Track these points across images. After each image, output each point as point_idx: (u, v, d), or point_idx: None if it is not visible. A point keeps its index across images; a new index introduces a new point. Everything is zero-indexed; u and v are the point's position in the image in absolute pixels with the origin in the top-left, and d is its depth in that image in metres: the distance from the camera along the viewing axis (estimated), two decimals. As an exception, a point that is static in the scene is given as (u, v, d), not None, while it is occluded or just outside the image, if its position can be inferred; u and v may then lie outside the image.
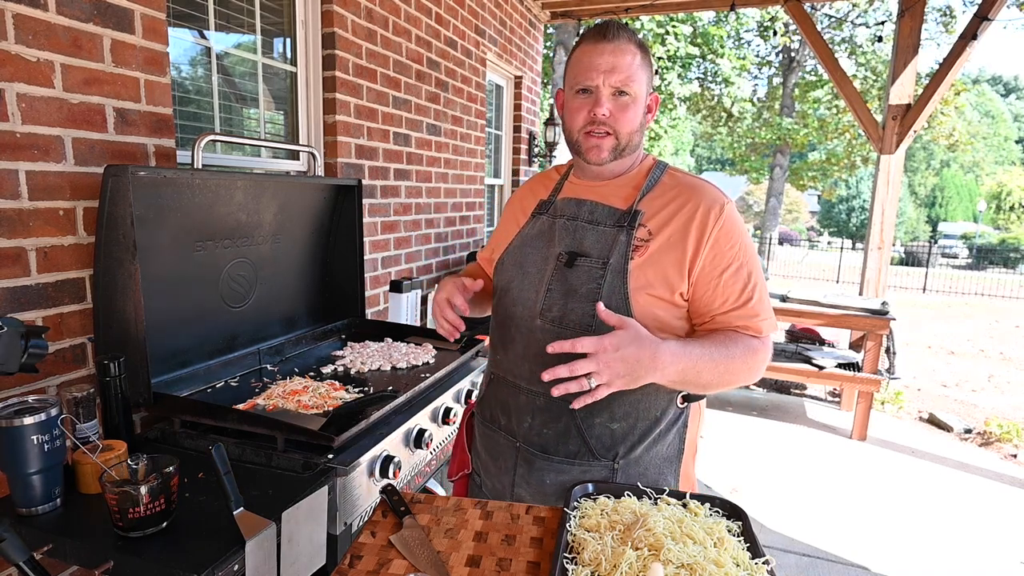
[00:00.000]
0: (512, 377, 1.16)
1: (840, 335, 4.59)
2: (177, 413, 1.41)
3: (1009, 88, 46.81)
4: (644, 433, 1.10)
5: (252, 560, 0.99)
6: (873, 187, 4.54)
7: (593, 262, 1.07)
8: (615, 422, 1.09)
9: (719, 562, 0.81)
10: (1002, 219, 31.53)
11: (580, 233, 1.11)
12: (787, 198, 27.27)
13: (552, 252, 1.13)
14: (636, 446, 1.10)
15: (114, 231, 1.29)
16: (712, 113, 16.08)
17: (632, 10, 5.17)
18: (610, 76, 1.04)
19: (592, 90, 1.06)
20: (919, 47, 4.28)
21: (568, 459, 1.11)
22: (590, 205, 1.13)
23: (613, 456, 1.09)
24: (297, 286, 2.04)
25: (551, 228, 1.16)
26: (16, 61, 1.22)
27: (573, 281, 1.08)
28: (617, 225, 1.09)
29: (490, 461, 1.24)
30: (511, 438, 1.17)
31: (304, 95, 2.35)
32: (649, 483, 1.07)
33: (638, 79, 1.05)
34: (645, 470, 1.11)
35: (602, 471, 1.10)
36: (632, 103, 1.06)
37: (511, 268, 1.18)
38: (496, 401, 1.21)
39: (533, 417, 1.12)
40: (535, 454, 1.13)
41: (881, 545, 2.60)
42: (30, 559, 0.84)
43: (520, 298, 1.14)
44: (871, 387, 3.69)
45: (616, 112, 1.06)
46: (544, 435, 1.12)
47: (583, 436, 1.09)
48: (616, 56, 1.03)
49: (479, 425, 1.28)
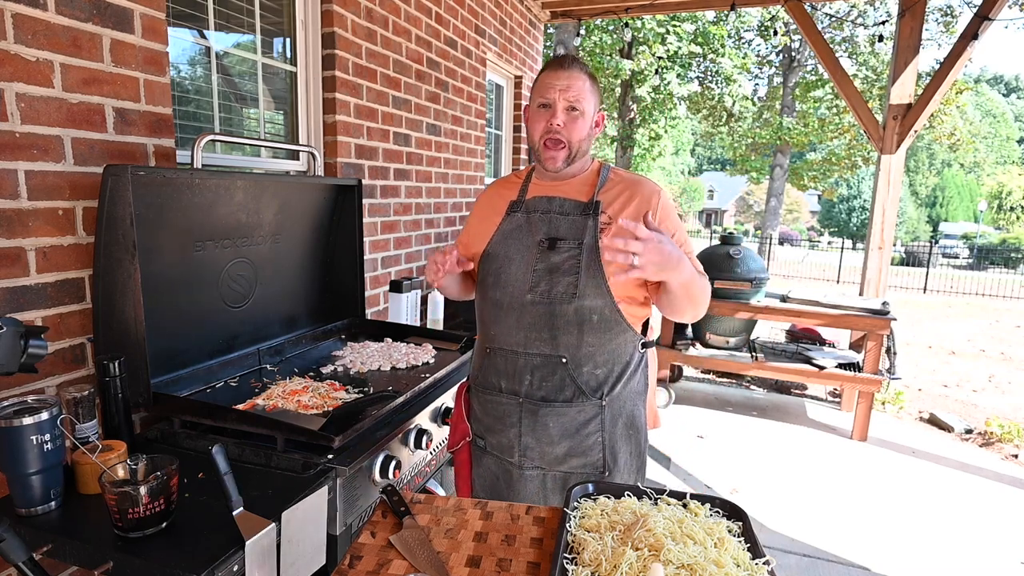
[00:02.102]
0: (508, 346, 1.37)
1: (840, 335, 4.58)
2: (177, 413, 1.41)
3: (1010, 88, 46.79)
4: (620, 374, 1.37)
5: (252, 560, 0.99)
6: (874, 187, 4.53)
7: (571, 243, 1.33)
8: (598, 368, 1.35)
9: (719, 562, 0.80)
10: (1003, 219, 31.52)
11: (555, 223, 1.36)
12: (787, 198, 27.28)
13: (533, 240, 1.36)
14: (616, 384, 1.37)
15: (114, 231, 1.29)
16: (712, 113, 16.08)
17: (632, 10, 5.17)
18: (564, 93, 1.30)
19: (550, 104, 1.32)
20: (920, 47, 4.28)
21: (565, 403, 1.35)
22: (559, 200, 1.39)
23: (600, 395, 1.35)
24: (297, 286, 2.04)
25: (528, 221, 1.40)
26: (16, 61, 1.22)
27: (555, 260, 1.33)
28: (583, 214, 1.35)
29: (493, 422, 1.43)
30: (514, 396, 1.38)
31: (304, 95, 2.35)
32: (627, 414, 1.39)
33: (587, 99, 1.32)
34: (623, 403, 1.39)
35: (593, 408, 1.35)
36: (581, 116, 1.32)
37: (499, 257, 1.40)
38: (494, 370, 1.41)
39: (532, 375, 1.35)
40: (538, 404, 1.35)
41: (882, 545, 2.60)
42: (30, 559, 0.84)
43: (510, 279, 1.36)
44: (871, 387, 3.69)
45: (568, 123, 1.32)
46: (544, 387, 1.35)
47: (576, 382, 1.34)
48: (570, 80, 1.31)
49: (479, 395, 1.47)
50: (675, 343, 4.19)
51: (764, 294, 4.04)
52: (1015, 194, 30.99)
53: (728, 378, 4.97)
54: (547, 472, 1.39)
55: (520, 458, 1.39)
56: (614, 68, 11.98)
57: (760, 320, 4.19)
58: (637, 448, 1.43)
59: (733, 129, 17.06)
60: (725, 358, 4.06)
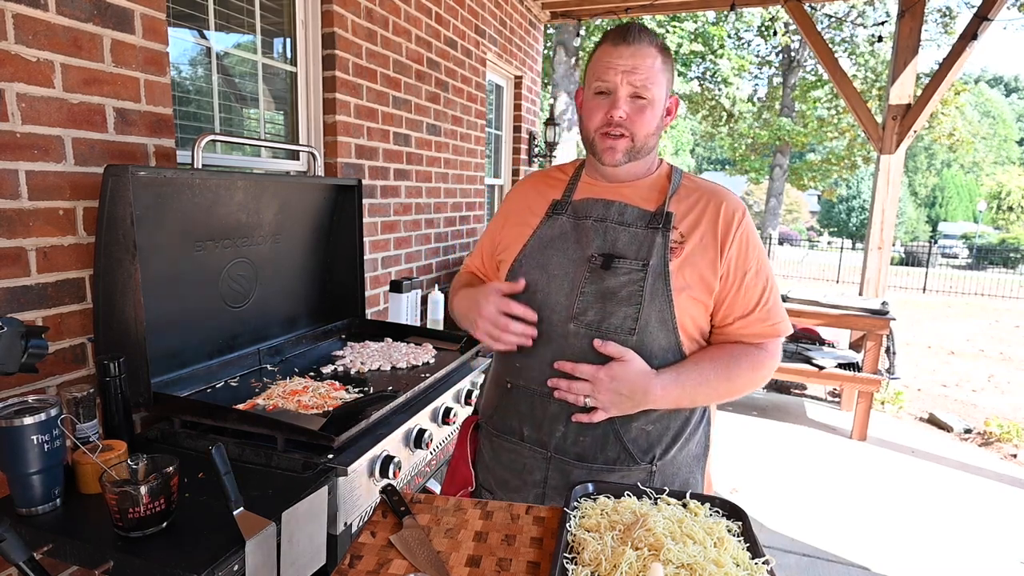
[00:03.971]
0: (538, 385, 1.11)
1: (840, 335, 4.58)
2: (177, 413, 1.41)
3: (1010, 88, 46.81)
4: (677, 433, 1.12)
5: (252, 560, 0.99)
6: (873, 187, 4.53)
7: (632, 264, 1.06)
8: (651, 424, 1.10)
9: (719, 562, 0.81)
10: (1002, 219, 31.52)
11: (612, 234, 1.10)
12: (787, 198, 27.27)
13: (581, 254, 1.10)
14: (671, 446, 1.12)
15: (114, 231, 1.29)
16: (712, 113, 16.08)
17: (632, 10, 5.17)
18: (629, 76, 1.03)
19: (610, 91, 1.06)
20: (919, 47, 4.28)
21: (608, 465, 1.10)
22: (619, 206, 1.12)
23: (651, 459, 1.10)
24: (297, 286, 2.04)
25: (575, 229, 1.13)
26: (16, 61, 1.22)
27: (611, 283, 1.06)
28: (650, 226, 1.08)
29: (510, 476, 1.18)
30: (540, 449, 1.13)
31: (304, 95, 2.35)
32: (681, 483, 1.12)
33: (657, 82, 1.05)
34: (678, 470, 1.13)
35: (640, 475, 1.10)
36: (649, 106, 1.06)
37: (533, 271, 1.13)
38: (515, 412, 1.16)
39: (567, 425, 1.10)
40: (571, 463, 1.11)
41: (882, 545, 2.60)
42: (30, 559, 0.84)
43: (547, 302, 1.10)
44: (871, 387, 3.69)
45: (633, 115, 1.05)
46: (581, 443, 1.10)
47: (621, 441, 1.09)
48: (636, 59, 1.03)
49: (491, 439, 1.22)
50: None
51: (764, 294, 4.03)
52: (1014, 194, 31.00)
53: (728, 378, 4.96)
54: None
55: None
56: (614, 68, 11.95)
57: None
58: None
59: (733, 129, 17.06)
60: (725, 358, 4.05)
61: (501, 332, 1.07)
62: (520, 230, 1.19)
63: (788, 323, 1.13)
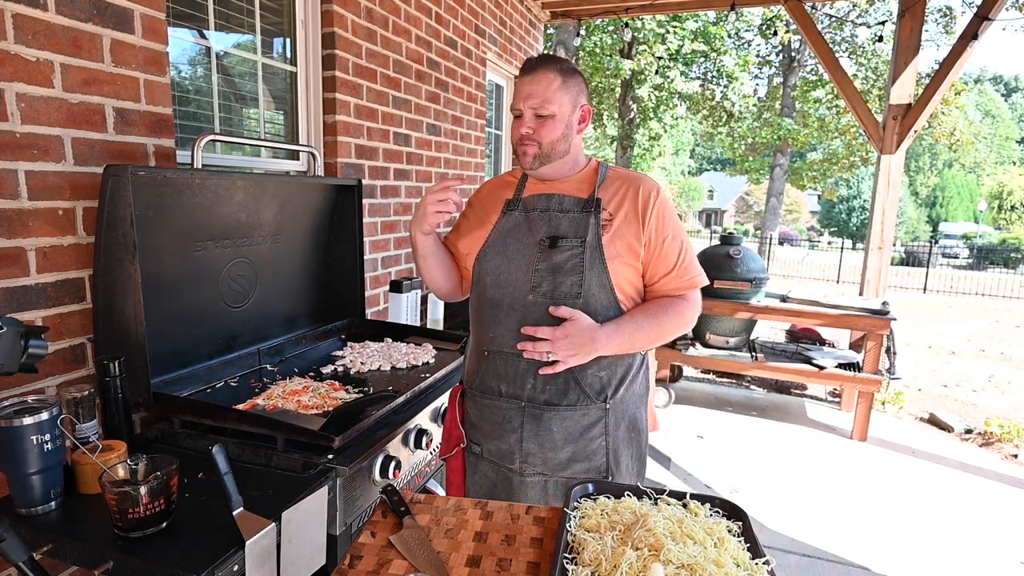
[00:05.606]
0: (509, 349, 1.34)
1: (840, 335, 4.58)
2: (177, 413, 1.41)
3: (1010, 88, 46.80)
4: (623, 376, 1.36)
5: (252, 560, 0.99)
6: (873, 187, 4.53)
7: (573, 241, 1.31)
8: (602, 370, 1.34)
9: (719, 562, 0.80)
10: (1003, 219, 31.52)
11: (555, 220, 1.34)
12: (787, 198, 27.25)
13: (533, 239, 1.34)
14: (619, 387, 1.36)
15: (114, 231, 1.29)
16: (712, 113, 16.07)
17: (632, 10, 5.17)
18: (527, 100, 1.29)
19: (519, 113, 1.32)
20: (919, 47, 4.28)
21: (570, 407, 1.33)
22: (558, 197, 1.36)
23: (604, 398, 1.34)
24: (297, 286, 2.04)
25: (526, 220, 1.37)
26: (16, 61, 1.22)
27: (557, 259, 1.31)
28: (584, 211, 1.33)
29: (492, 427, 1.40)
30: (515, 401, 1.35)
31: (304, 95, 2.35)
32: (630, 417, 1.38)
33: (556, 100, 1.28)
34: (626, 406, 1.38)
35: (597, 412, 1.34)
36: (551, 120, 1.29)
37: (495, 257, 1.37)
38: (493, 373, 1.38)
39: (535, 378, 1.32)
40: (541, 408, 1.33)
41: (882, 545, 2.60)
42: (30, 559, 0.84)
43: (509, 280, 1.34)
44: (871, 387, 3.69)
45: (538, 128, 1.30)
46: (548, 391, 1.33)
47: (580, 386, 1.32)
48: (533, 85, 1.29)
49: (475, 399, 1.43)
50: (675, 343, 4.19)
51: (764, 294, 4.04)
52: (1015, 194, 30.99)
53: (728, 378, 4.97)
54: (549, 478, 1.36)
55: (521, 464, 1.36)
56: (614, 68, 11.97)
57: (760, 320, 4.19)
58: (639, 451, 1.42)
59: (733, 129, 17.05)
60: (725, 358, 4.06)
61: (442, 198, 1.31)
62: (481, 225, 1.44)
63: (703, 276, 1.39)
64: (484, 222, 1.43)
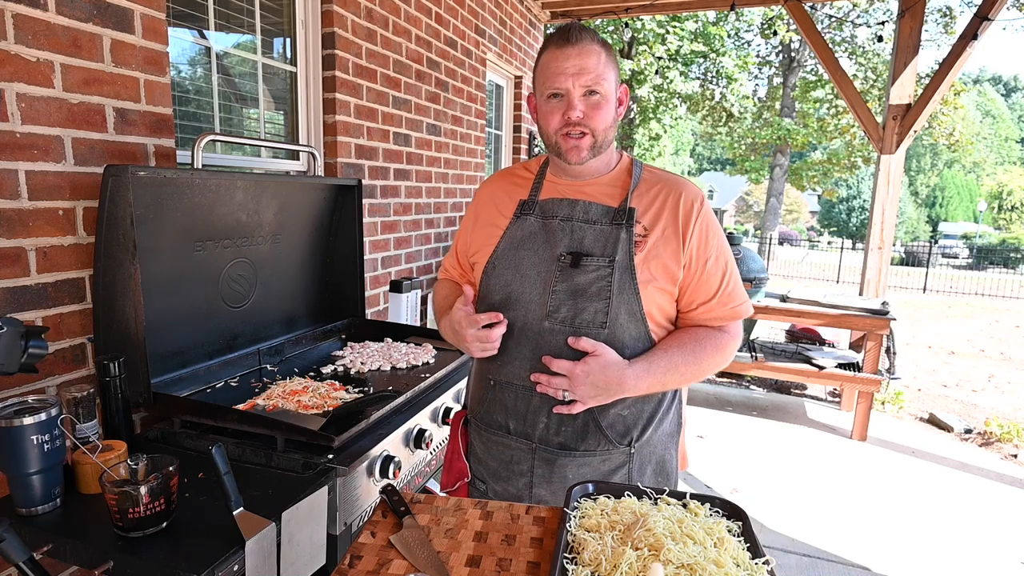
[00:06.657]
0: (519, 381, 1.16)
1: (840, 335, 4.58)
2: (177, 413, 1.41)
3: (1010, 88, 46.81)
4: (651, 415, 1.17)
5: (252, 560, 0.99)
6: (873, 187, 4.53)
7: (600, 260, 1.10)
8: (626, 409, 1.14)
9: (719, 562, 0.80)
10: (1002, 219, 31.53)
11: (578, 232, 1.13)
12: (787, 198, 27.28)
13: (551, 253, 1.14)
14: (647, 428, 1.17)
15: (114, 231, 1.29)
16: (712, 113, 16.08)
17: (632, 10, 5.17)
18: (579, 78, 1.07)
19: (563, 94, 1.08)
20: (919, 47, 4.28)
21: (589, 452, 1.15)
22: (584, 205, 1.15)
23: (628, 442, 1.15)
24: (297, 286, 2.04)
25: (544, 229, 1.16)
26: (16, 61, 1.22)
27: (580, 281, 1.10)
28: (614, 223, 1.12)
29: (499, 466, 1.23)
30: (525, 441, 1.18)
31: (304, 95, 2.35)
32: (657, 460, 1.19)
33: (606, 77, 1.08)
34: (654, 448, 1.19)
35: (620, 457, 1.16)
36: (603, 101, 1.09)
37: (505, 271, 1.17)
38: (500, 407, 1.20)
39: (548, 417, 1.15)
40: (555, 452, 1.16)
41: (882, 545, 2.60)
42: (30, 559, 0.84)
43: (522, 300, 1.14)
44: (871, 387, 3.69)
45: (589, 112, 1.09)
46: (563, 433, 1.15)
47: (600, 428, 1.14)
48: (582, 58, 1.06)
49: (480, 432, 1.26)
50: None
51: (764, 294, 4.04)
52: (1015, 194, 31.00)
53: (728, 378, 4.97)
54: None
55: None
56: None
57: (760, 320, 4.19)
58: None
59: (733, 129, 17.05)
60: (725, 358, 4.05)
61: (487, 343, 1.12)
62: (490, 231, 1.22)
63: (749, 305, 1.18)
64: (493, 225, 1.22)
